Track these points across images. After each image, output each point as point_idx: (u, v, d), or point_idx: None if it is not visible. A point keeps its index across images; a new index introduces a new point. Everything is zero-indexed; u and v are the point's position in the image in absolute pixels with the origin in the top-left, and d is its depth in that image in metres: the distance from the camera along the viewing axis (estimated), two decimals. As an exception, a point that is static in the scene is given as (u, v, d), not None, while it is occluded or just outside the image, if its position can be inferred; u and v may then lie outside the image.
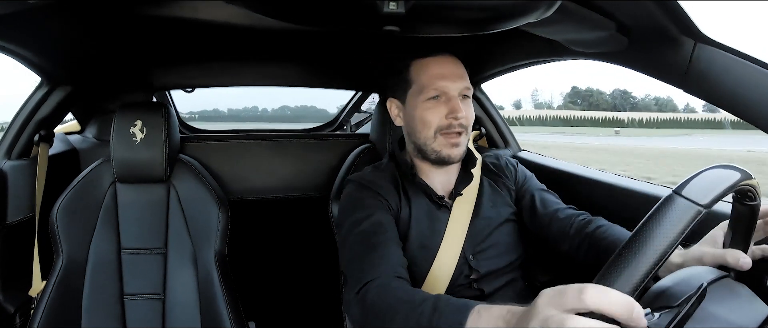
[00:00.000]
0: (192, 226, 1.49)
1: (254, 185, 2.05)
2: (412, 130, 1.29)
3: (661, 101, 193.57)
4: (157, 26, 1.40)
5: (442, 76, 1.23)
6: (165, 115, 1.45)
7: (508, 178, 1.39)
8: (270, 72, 2.10)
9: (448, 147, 1.24)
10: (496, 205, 1.33)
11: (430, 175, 1.32)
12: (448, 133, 1.23)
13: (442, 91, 1.23)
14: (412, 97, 1.27)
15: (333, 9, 0.88)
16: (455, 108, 1.21)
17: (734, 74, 0.90)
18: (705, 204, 0.57)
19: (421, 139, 1.26)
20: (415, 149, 1.30)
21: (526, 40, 1.31)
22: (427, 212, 1.27)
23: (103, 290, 1.42)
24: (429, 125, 1.23)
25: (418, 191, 1.29)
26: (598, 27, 1.02)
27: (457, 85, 1.24)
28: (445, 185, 1.33)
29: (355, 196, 1.25)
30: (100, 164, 1.49)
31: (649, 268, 0.55)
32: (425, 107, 1.23)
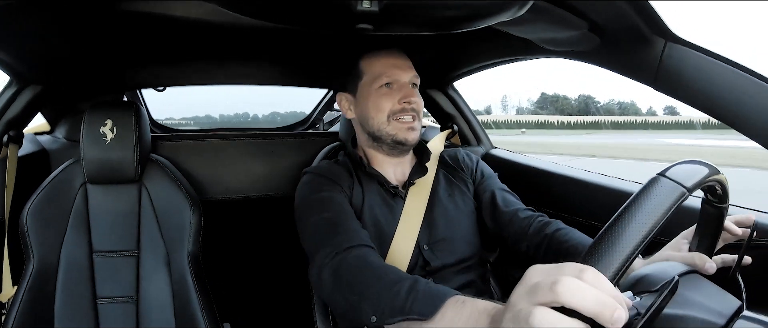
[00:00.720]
0: (164, 227, 1.46)
1: (226, 185, 2.03)
2: (365, 118, 1.31)
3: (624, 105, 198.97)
4: (129, 24, 1.37)
5: (394, 65, 1.29)
6: (136, 114, 1.42)
7: (464, 172, 1.42)
8: (242, 71, 2.08)
9: (403, 130, 1.28)
10: (453, 197, 1.36)
11: (384, 165, 1.35)
12: (402, 119, 1.27)
13: (394, 78, 1.28)
14: (365, 88, 1.31)
15: (307, 7, 0.87)
16: (408, 94, 1.27)
17: (704, 73, 0.92)
18: (689, 186, 0.58)
19: (376, 125, 1.29)
20: (370, 138, 1.33)
21: (499, 38, 1.31)
22: (381, 200, 1.29)
23: (76, 294, 1.39)
24: (383, 110, 1.27)
25: (371, 180, 1.31)
26: (571, 26, 1.03)
27: (408, 74, 1.30)
28: (398, 176, 1.36)
29: (312, 184, 1.27)
30: (70, 164, 1.45)
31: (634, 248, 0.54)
32: (379, 94, 1.28)
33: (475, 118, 2.10)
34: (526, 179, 1.82)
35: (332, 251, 1.04)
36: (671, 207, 0.56)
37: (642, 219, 0.55)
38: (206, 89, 2.27)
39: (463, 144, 2.11)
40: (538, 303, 0.51)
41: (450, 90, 2.03)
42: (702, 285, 0.69)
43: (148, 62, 1.83)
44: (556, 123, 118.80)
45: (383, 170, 1.34)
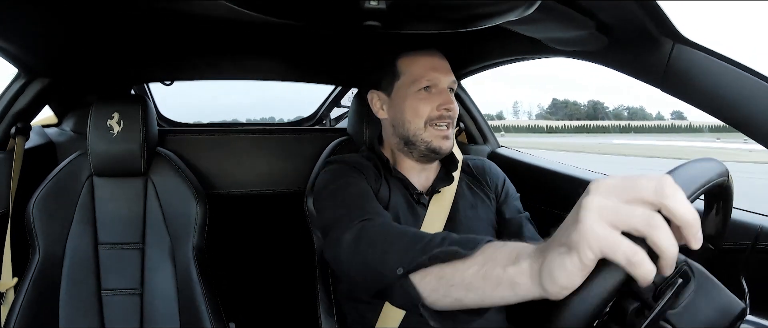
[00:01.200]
0: (170, 220, 1.47)
1: (232, 179, 2.03)
2: (399, 121, 1.26)
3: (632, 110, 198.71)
4: (137, 17, 1.37)
5: (434, 68, 1.23)
6: (142, 107, 1.43)
7: (489, 186, 1.37)
8: (250, 66, 2.08)
9: (438, 138, 1.23)
10: (475, 208, 1.31)
11: (410, 170, 1.31)
12: (438, 126, 1.23)
13: (433, 82, 1.23)
14: (401, 89, 1.25)
15: (316, 4, 0.87)
16: (447, 100, 1.22)
17: (711, 75, 0.92)
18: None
19: (412, 130, 1.24)
20: (401, 142, 1.28)
21: (506, 37, 1.31)
22: (405, 204, 1.26)
23: (81, 285, 1.40)
24: (420, 115, 1.22)
25: (397, 183, 1.27)
26: (579, 26, 1.03)
27: (448, 78, 1.25)
28: (423, 183, 1.32)
29: (339, 170, 1.22)
30: (76, 157, 1.46)
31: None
32: (417, 98, 1.23)
33: (482, 116, 2.10)
34: (531, 178, 1.81)
35: (353, 220, 1.00)
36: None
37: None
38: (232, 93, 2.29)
39: (470, 142, 2.11)
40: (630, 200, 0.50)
41: (458, 89, 2.03)
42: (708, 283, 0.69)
43: (155, 56, 1.84)
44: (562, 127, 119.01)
45: (408, 175, 1.30)
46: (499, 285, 0.65)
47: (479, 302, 0.70)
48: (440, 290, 0.76)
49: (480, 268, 0.69)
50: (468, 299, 0.72)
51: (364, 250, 0.93)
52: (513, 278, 0.63)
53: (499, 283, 0.65)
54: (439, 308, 0.78)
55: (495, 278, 0.66)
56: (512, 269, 0.63)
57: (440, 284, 0.76)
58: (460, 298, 0.73)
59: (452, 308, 0.76)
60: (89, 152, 1.40)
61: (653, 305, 0.56)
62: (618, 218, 0.49)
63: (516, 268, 0.62)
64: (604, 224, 0.49)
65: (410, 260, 0.83)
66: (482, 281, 0.68)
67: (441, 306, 0.77)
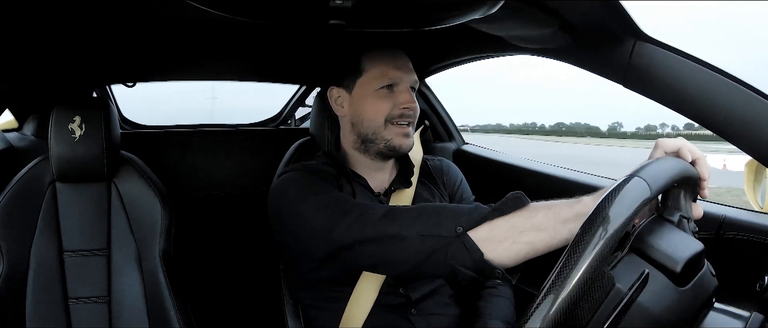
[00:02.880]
0: (135, 225, 1.44)
1: (197, 181, 2.00)
2: (359, 119, 1.25)
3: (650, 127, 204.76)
4: (97, 19, 1.34)
5: (396, 66, 1.22)
6: (105, 110, 1.39)
7: (445, 187, 1.38)
8: (215, 67, 2.05)
9: (399, 136, 1.22)
10: None
11: (366, 170, 1.29)
12: (399, 123, 1.22)
13: (395, 81, 1.22)
14: (362, 86, 1.24)
15: (282, 3, 0.86)
16: (408, 99, 1.21)
17: (672, 71, 0.93)
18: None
19: (372, 128, 1.23)
20: (359, 140, 1.27)
21: (471, 35, 1.31)
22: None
23: (47, 294, 1.37)
24: (380, 114, 1.21)
25: (358, 185, 1.26)
26: (542, 24, 1.03)
27: (410, 77, 1.24)
28: (379, 184, 1.31)
29: (302, 176, 1.19)
30: (38, 162, 1.42)
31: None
32: (378, 96, 1.22)
33: (448, 114, 2.11)
34: (497, 174, 1.83)
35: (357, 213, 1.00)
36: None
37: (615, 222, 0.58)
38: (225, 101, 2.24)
39: (436, 140, 2.11)
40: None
41: (423, 87, 2.03)
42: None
43: (117, 57, 1.80)
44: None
45: (366, 175, 1.29)
46: (568, 221, 0.83)
47: (549, 240, 0.85)
48: (511, 237, 0.87)
49: (548, 210, 0.86)
50: (539, 240, 0.86)
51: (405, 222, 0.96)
52: (580, 212, 0.82)
53: (568, 220, 0.83)
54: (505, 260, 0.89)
55: (563, 216, 0.84)
56: (578, 205, 0.84)
57: (510, 233, 0.88)
58: (531, 240, 0.86)
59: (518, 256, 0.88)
60: (51, 157, 1.36)
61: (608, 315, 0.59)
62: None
63: (581, 204, 0.83)
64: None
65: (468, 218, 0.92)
66: (552, 221, 0.85)
67: (507, 256, 0.88)
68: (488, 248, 0.88)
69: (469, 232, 0.89)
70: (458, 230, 0.90)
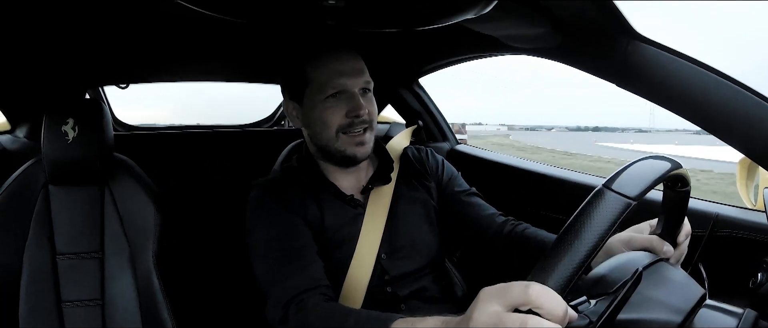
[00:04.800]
0: (128, 227, 1.43)
1: (190, 183, 1.99)
2: (312, 131, 1.21)
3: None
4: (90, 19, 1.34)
5: (340, 72, 1.15)
6: (98, 112, 1.38)
7: (428, 173, 1.35)
8: (208, 67, 2.05)
9: (352, 146, 1.17)
10: (415, 201, 1.29)
11: (338, 176, 1.26)
12: (352, 133, 1.17)
13: (341, 88, 1.15)
14: (310, 97, 1.18)
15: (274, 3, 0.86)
16: (357, 105, 1.15)
17: (666, 70, 0.93)
18: (634, 196, 0.59)
19: (324, 140, 1.19)
20: (319, 151, 1.24)
21: (464, 35, 1.31)
22: (340, 212, 1.21)
23: (40, 298, 1.35)
24: (330, 125, 1.16)
25: (328, 192, 1.23)
26: (535, 24, 1.04)
27: (357, 80, 1.17)
28: (354, 184, 1.27)
29: (263, 202, 1.19)
30: (31, 164, 1.41)
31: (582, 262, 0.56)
32: (325, 106, 1.16)
33: (441, 114, 2.11)
34: (491, 174, 1.83)
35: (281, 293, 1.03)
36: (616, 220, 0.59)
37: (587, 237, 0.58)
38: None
39: (429, 140, 2.12)
40: (510, 305, 0.58)
41: (416, 87, 2.03)
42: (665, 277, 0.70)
43: (110, 58, 1.79)
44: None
45: (338, 178, 1.25)
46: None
47: None
48: None
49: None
50: None
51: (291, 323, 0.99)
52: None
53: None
54: None
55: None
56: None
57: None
58: None
59: None
60: (44, 160, 1.35)
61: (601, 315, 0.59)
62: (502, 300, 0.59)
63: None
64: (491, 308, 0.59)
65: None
66: None
67: None
68: None
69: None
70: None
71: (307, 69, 1.17)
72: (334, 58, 1.16)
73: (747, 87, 0.87)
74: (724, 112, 0.88)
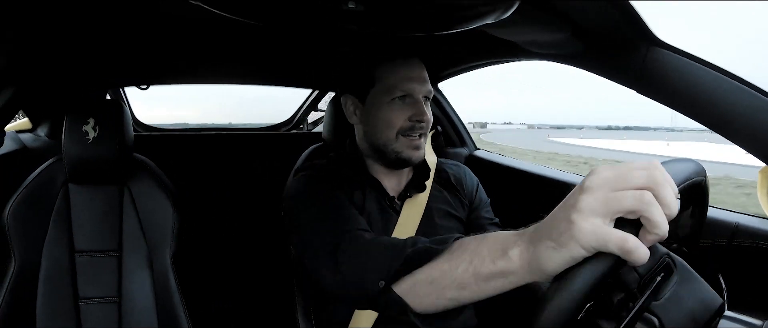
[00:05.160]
0: (147, 227, 1.45)
1: (208, 184, 2.01)
2: (371, 129, 1.24)
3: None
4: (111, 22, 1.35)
5: (409, 78, 1.20)
6: (118, 112, 1.40)
7: (464, 193, 1.37)
8: (228, 70, 2.07)
9: (409, 149, 1.21)
10: (448, 215, 1.31)
11: (380, 175, 1.29)
12: (411, 136, 1.21)
13: (408, 92, 1.20)
14: (376, 97, 1.22)
15: (294, 7, 0.86)
16: (421, 111, 1.20)
17: (686, 76, 0.93)
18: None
19: (383, 139, 1.22)
20: (372, 149, 1.27)
21: (483, 40, 1.31)
22: (378, 209, 1.24)
23: (58, 294, 1.37)
24: (392, 126, 1.20)
25: (370, 188, 1.25)
26: (555, 29, 1.03)
27: (423, 88, 1.22)
28: (394, 187, 1.30)
29: (310, 180, 1.21)
30: (52, 163, 1.44)
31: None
32: (390, 108, 1.20)
33: (460, 119, 2.11)
34: (509, 180, 1.82)
35: (329, 237, 1.01)
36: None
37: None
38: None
39: (448, 146, 2.11)
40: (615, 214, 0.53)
41: (435, 92, 2.03)
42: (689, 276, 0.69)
43: (131, 60, 1.81)
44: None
45: (381, 178, 1.28)
46: (492, 278, 0.70)
47: (475, 297, 0.74)
48: (433, 294, 0.80)
49: (468, 265, 0.73)
50: (464, 296, 0.76)
51: (344, 265, 0.96)
52: (505, 268, 0.67)
53: (491, 276, 0.70)
54: (434, 311, 0.82)
55: (486, 272, 0.70)
56: (502, 262, 0.68)
57: (432, 288, 0.80)
58: (455, 297, 0.77)
59: (447, 308, 0.80)
60: (64, 158, 1.37)
61: (638, 296, 0.58)
62: (609, 208, 0.53)
63: (505, 261, 0.67)
64: (594, 220, 0.53)
65: (387, 272, 0.86)
66: (474, 278, 0.72)
67: (436, 308, 0.81)
68: (414, 301, 0.84)
69: (393, 285, 0.86)
70: (380, 284, 0.87)
71: (376, 70, 1.22)
72: (405, 64, 1.22)
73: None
74: (745, 120, 0.87)
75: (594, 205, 0.54)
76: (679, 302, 0.61)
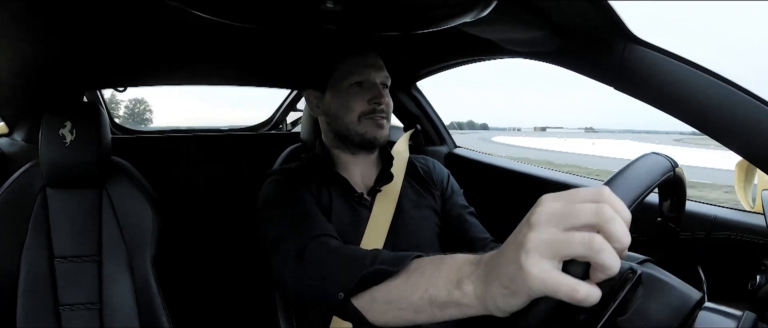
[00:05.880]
0: (126, 231, 1.43)
1: (188, 186, 1.99)
2: (333, 117, 1.27)
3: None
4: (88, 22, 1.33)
5: (365, 64, 1.24)
6: (95, 115, 1.38)
7: (434, 184, 1.39)
8: (206, 71, 2.05)
9: (373, 128, 1.24)
10: (420, 207, 1.32)
11: (350, 167, 1.31)
12: (372, 117, 1.24)
13: (365, 77, 1.23)
14: (334, 85, 1.25)
15: (273, 7, 0.86)
16: (379, 93, 1.23)
17: (663, 73, 0.94)
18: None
19: (345, 124, 1.25)
20: (337, 138, 1.29)
21: (462, 38, 1.32)
22: (348, 207, 1.25)
23: (37, 301, 1.35)
24: (353, 110, 1.23)
25: (337, 187, 1.26)
26: (532, 27, 1.03)
27: (379, 74, 1.26)
28: (365, 180, 1.32)
29: (278, 183, 1.22)
30: (28, 168, 1.41)
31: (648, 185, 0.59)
32: (349, 93, 1.23)
33: (439, 118, 2.11)
34: (488, 177, 1.83)
35: (295, 242, 1.02)
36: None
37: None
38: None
39: (427, 144, 2.12)
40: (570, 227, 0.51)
41: (414, 90, 2.03)
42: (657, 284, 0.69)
43: (108, 61, 1.79)
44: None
45: (349, 172, 1.30)
46: (446, 307, 0.69)
47: (431, 321, 0.74)
48: (390, 312, 0.81)
49: (424, 293, 0.73)
50: (420, 319, 0.75)
51: (308, 273, 0.97)
52: (460, 301, 0.66)
53: (446, 305, 0.69)
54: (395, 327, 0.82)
55: (441, 301, 0.70)
56: (457, 293, 0.66)
57: (389, 308, 0.81)
58: (411, 319, 0.77)
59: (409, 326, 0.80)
60: (41, 163, 1.35)
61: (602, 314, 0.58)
62: (557, 251, 0.50)
63: (460, 292, 0.66)
64: (543, 264, 0.51)
65: (347, 285, 0.87)
66: (429, 305, 0.72)
67: (397, 325, 0.82)
68: (372, 317, 0.85)
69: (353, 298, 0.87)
70: (340, 296, 0.88)
71: (334, 60, 1.25)
72: (360, 53, 1.26)
73: (744, 89, 0.87)
74: (722, 115, 0.88)
75: (541, 248, 0.51)
76: (646, 316, 0.61)
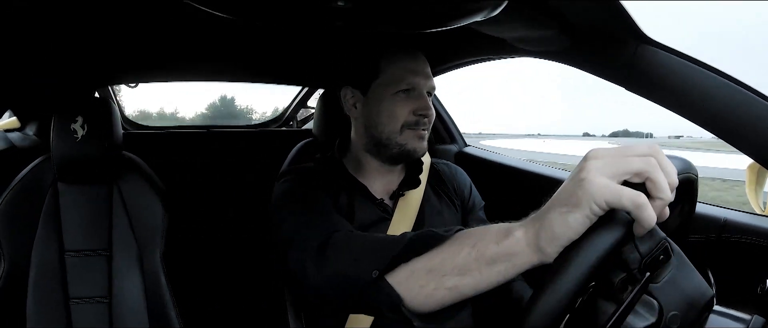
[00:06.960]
0: (136, 226, 1.44)
1: (199, 182, 2.00)
2: (373, 122, 1.20)
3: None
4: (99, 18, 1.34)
5: (414, 71, 1.18)
6: (107, 110, 1.39)
7: (455, 192, 1.35)
8: (218, 68, 2.05)
9: (415, 140, 1.19)
10: (442, 215, 1.28)
11: (373, 174, 1.26)
12: (415, 129, 1.18)
13: (413, 86, 1.17)
14: (378, 89, 1.19)
15: (283, 4, 0.86)
16: (426, 105, 1.17)
17: (674, 74, 0.93)
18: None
19: (386, 132, 1.18)
20: (372, 143, 1.22)
21: (472, 37, 1.31)
22: (369, 212, 1.20)
23: (47, 294, 1.36)
24: (396, 119, 1.17)
25: (356, 192, 1.22)
26: (543, 26, 1.03)
27: (428, 82, 1.20)
28: (386, 187, 1.27)
29: (295, 181, 1.18)
30: (40, 162, 1.42)
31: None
32: (394, 100, 1.17)
33: (449, 116, 2.11)
34: (499, 177, 1.83)
35: (316, 234, 0.97)
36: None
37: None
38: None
39: (438, 142, 2.11)
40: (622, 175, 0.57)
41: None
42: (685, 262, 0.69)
43: (120, 58, 1.80)
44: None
45: (371, 178, 1.25)
46: (496, 261, 0.68)
47: (476, 284, 0.71)
48: (431, 283, 0.76)
49: (471, 249, 0.72)
50: (464, 284, 0.73)
51: (333, 258, 0.92)
52: (509, 249, 0.67)
53: (495, 259, 0.68)
54: (430, 306, 0.78)
55: (490, 255, 0.69)
56: (507, 242, 0.67)
57: (431, 277, 0.77)
58: (455, 285, 0.74)
59: (444, 301, 0.76)
60: (53, 157, 1.36)
61: (638, 277, 0.59)
62: (618, 168, 0.56)
63: (510, 239, 0.67)
64: (605, 178, 0.56)
65: (383, 259, 0.82)
66: (476, 262, 0.70)
67: (433, 302, 0.78)
68: (408, 293, 0.80)
69: (387, 275, 0.82)
70: (374, 274, 0.83)
71: (380, 62, 1.20)
72: (409, 57, 1.20)
73: (757, 91, 0.86)
74: (733, 117, 0.88)
75: (602, 167, 0.57)
76: (676, 286, 0.61)
